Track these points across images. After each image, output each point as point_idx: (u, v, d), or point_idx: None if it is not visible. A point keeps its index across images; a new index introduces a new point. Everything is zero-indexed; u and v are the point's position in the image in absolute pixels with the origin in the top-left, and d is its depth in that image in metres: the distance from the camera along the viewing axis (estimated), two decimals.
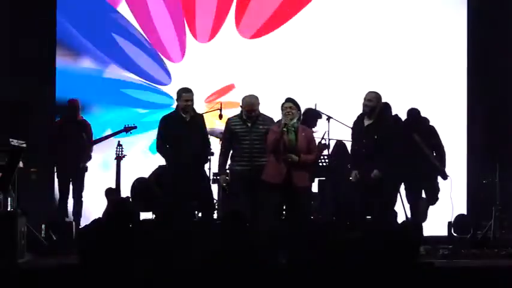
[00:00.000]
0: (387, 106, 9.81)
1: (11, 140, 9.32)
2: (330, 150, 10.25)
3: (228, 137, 9.27)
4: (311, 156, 8.93)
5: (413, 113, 10.01)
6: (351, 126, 9.62)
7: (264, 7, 11.73)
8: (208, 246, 7.91)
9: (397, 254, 7.76)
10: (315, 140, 9.18)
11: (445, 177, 10.00)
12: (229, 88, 11.70)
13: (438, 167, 9.92)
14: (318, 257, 7.74)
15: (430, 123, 10.10)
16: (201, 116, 9.65)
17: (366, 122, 9.39)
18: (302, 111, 10.32)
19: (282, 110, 8.93)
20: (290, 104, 8.89)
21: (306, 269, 7.68)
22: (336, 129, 10.29)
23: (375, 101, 9.37)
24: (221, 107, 10.76)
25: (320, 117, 10.16)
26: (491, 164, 10.48)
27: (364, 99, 9.41)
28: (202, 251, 7.75)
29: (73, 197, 10.67)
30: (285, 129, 8.77)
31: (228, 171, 9.36)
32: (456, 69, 11.78)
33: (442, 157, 9.98)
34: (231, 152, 9.36)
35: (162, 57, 11.80)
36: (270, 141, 8.86)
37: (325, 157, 10.18)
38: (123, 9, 11.83)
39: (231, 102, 11.34)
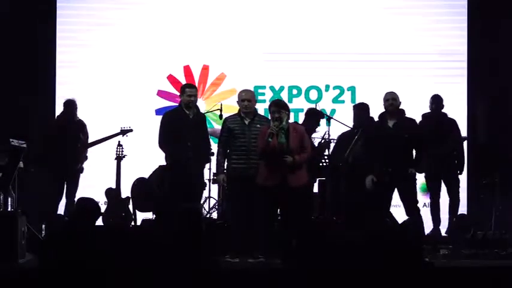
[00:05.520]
0: (365, 107, 9.90)
1: (11, 140, 9.32)
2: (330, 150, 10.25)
3: (226, 135, 9.25)
4: (305, 155, 8.84)
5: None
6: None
7: None
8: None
9: (398, 254, 7.77)
10: (307, 135, 9.10)
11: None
12: (221, 78, 11.69)
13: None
14: (318, 257, 7.75)
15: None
16: (203, 115, 9.69)
17: (391, 122, 9.39)
18: (304, 111, 10.42)
19: (270, 113, 8.84)
20: (276, 108, 8.76)
21: (305, 270, 7.69)
22: (336, 129, 10.29)
23: (398, 99, 9.44)
24: (221, 108, 10.76)
25: (322, 117, 10.17)
26: (491, 164, 10.48)
27: (388, 99, 9.45)
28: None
29: (66, 198, 10.61)
30: (270, 139, 8.64)
31: (225, 170, 9.34)
32: (456, 69, 11.79)
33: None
34: (228, 151, 9.33)
35: None
36: (259, 146, 8.80)
37: (325, 157, 10.16)
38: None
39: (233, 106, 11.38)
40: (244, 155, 9.08)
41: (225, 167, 9.28)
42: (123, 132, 10.93)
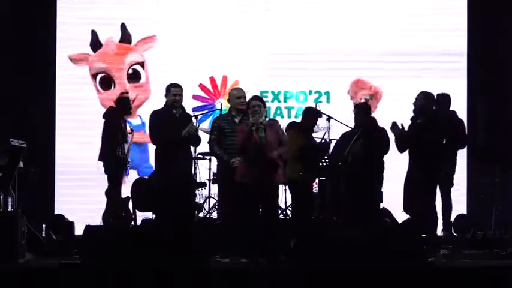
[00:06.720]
0: (366, 107, 9.93)
1: (11, 140, 9.32)
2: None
3: (216, 133, 9.29)
4: (283, 148, 8.85)
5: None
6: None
7: None
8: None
9: (398, 254, 7.78)
10: (284, 132, 9.17)
11: None
12: (235, 84, 11.73)
13: None
14: (318, 257, 7.75)
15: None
16: (189, 114, 9.68)
17: (419, 120, 9.54)
18: (302, 110, 10.44)
19: (249, 108, 8.84)
20: (258, 102, 8.79)
21: (305, 270, 7.70)
22: (336, 129, 10.29)
23: (420, 100, 9.53)
24: (221, 108, 10.77)
25: (320, 116, 10.15)
26: (491, 164, 10.47)
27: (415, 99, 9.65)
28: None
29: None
30: (253, 128, 8.69)
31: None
32: (456, 69, 11.80)
33: None
34: None
35: None
36: (238, 142, 8.81)
37: (325, 157, 10.15)
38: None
39: None
40: (235, 153, 9.08)
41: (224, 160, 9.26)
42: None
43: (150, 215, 10.36)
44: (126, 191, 10.57)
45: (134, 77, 11.86)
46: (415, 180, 9.42)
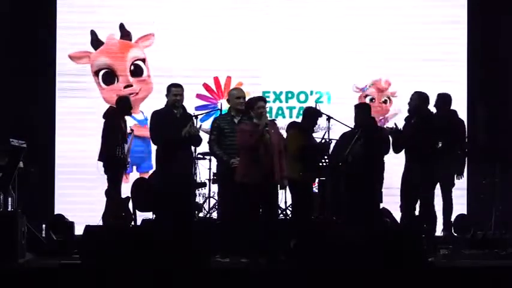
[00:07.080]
0: (366, 107, 9.97)
1: (11, 140, 9.32)
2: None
3: (216, 133, 9.29)
4: (284, 161, 8.92)
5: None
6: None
7: None
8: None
9: (398, 254, 7.78)
10: (280, 132, 9.24)
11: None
12: (239, 85, 11.74)
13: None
14: (318, 257, 7.76)
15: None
16: (190, 114, 9.68)
17: (413, 120, 9.54)
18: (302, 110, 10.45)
19: (254, 109, 8.83)
20: (263, 103, 8.86)
21: (305, 270, 7.70)
22: (336, 129, 10.30)
23: (414, 100, 9.49)
24: (221, 108, 10.78)
25: (320, 116, 10.16)
26: (491, 164, 10.48)
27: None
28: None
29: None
30: (267, 128, 8.72)
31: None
32: (456, 69, 11.80)
33: None
34: None
35: None
36: (245, 141, 8.79)
37: (325, 157, 10.15)
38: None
39: None
40: (235, 153, 9.09)
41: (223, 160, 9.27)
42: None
43: (150, 215, 10.37)
44: (126, 191, 10.58)
45: (137, 72, 11.89)
46: (411, 180, 9.42)
